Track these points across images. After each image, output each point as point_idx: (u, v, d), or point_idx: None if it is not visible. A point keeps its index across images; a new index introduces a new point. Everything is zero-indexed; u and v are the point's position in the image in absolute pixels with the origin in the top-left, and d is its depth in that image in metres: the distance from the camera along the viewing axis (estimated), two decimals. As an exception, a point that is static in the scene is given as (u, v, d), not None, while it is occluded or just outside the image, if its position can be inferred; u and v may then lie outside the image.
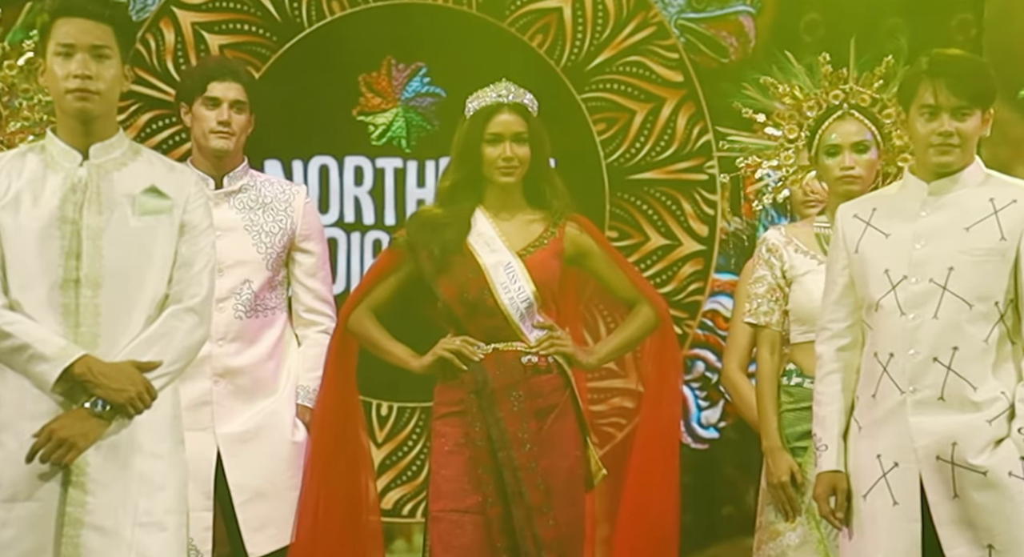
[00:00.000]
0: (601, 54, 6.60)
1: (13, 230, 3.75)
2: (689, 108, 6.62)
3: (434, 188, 6.55)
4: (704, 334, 6.62)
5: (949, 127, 3.96)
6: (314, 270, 4.84)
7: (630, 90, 6.62)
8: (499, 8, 6.55)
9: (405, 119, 6.54)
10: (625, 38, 6.61)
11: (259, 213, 4.74)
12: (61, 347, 3.68)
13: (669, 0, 6.64)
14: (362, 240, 6.55)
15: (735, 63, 6.42)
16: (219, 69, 4.75)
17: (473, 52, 6.53)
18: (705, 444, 6.60)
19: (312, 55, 6.50)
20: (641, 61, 6.61)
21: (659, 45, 6.61)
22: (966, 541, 3.89)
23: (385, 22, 6.54)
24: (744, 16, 6.63)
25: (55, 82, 3.79)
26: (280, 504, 4.64)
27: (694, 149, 6.62)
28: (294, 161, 6.49)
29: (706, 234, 6.64)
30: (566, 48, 6.58)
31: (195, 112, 4.73)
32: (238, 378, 4.65)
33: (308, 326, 4.82)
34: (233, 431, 4.64)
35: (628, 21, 6.61)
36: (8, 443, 3.70)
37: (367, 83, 6.52)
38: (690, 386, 6.59)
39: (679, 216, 6.63)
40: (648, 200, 6.63)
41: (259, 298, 4.69)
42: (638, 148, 6.62)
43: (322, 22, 6.49)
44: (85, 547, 3.68)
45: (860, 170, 4.56)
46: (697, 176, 6.63)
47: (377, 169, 6.55)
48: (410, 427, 6.56)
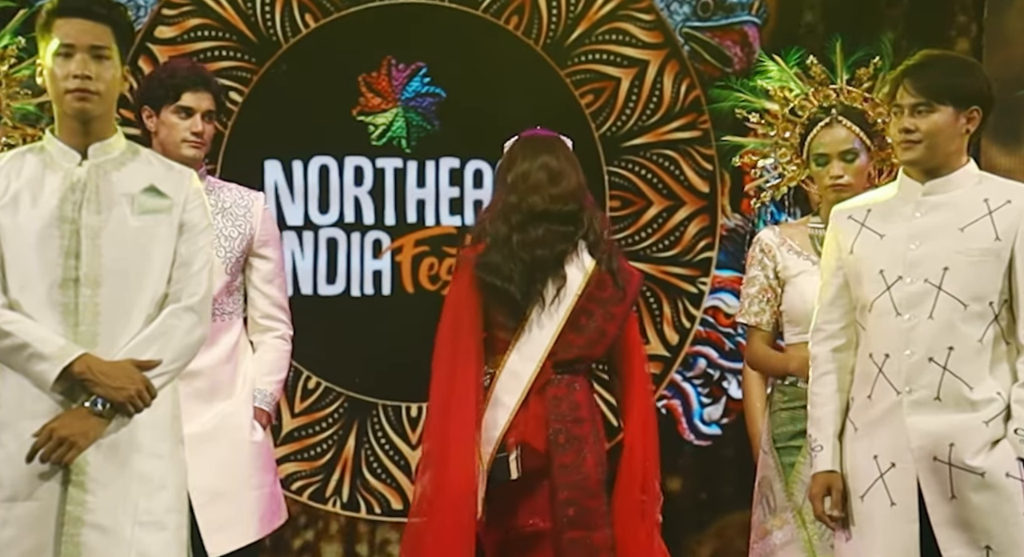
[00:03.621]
0: (578, 27, 6.60)
1: (12, 230, 3.75)
2: (674, 67, 6.61)
3: (434, 188, 6.58)
4: (705, 331, 6.63)
5: (908, 123, 3.98)
6: (271, 276, 4.84)
7: (612, 58, 6.61)
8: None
9: (405, 119, 6.54)
10: (599, 7, 6.60)
11: (218, 218, 4.73)
12: (60, 346, 3.68)
13: (675, 8, 6.65)
14: (362, 240, 6.55)
15: (739, 73, 6.42)
16: (192, 79, 4.71)
17: (473, 52, 6.54)
18: (707, 440, 6.61)
19: (312, 55, 6.51)
20: (618, 27, 6.61)
21: (634, 8, 6.61)
22: (963, 542, 3.89)
23: (385, 22, 6.55)
24: (749, 26, 6.64)
25: (54, 82, 3.79)
26: (239, 505, 4.63)
27: (684, 107, 6.62)
28: (294, 161, 6.50)
29: (707, 190, 6.63)
30: (543, 27, 6.58)
31: (164, 119, 4.71)
32: (196, 380, 4.61)
33: (264, 332, 4.83)
34: (191, 432, 4.56)
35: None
36: (8, 443, 3.70)
37: (367, 83, 6.53)
38: (692, 383, 6.61)
39: (678, 176, 6.62)
40: (645, 165, 6.63)
41: (217, 302, 4.66)
42: (628, 115, 6.62)
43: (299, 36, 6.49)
44: (85, 546, 3.68)
45: (849, 178, 4.58)
46: (691, 133, 6.63)
47: (377, 169, 6.55)
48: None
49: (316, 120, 6.48)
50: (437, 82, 6.55)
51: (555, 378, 4.51)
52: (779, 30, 6.57)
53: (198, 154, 4.73)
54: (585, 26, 6.60)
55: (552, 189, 4.54)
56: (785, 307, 4.67)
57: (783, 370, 4.65)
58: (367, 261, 6.56)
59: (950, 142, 4.00)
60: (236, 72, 6.45)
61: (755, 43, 6.59)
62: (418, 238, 6.59)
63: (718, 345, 6.62)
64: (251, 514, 4.67)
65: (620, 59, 6.60)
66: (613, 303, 4.56)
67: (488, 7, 6.56)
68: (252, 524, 4.68)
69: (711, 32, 6.64)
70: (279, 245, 4.92)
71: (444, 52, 6.54)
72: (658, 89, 6.61)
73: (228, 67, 6.44)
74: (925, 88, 3.96)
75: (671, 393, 6.58)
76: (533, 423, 4.46)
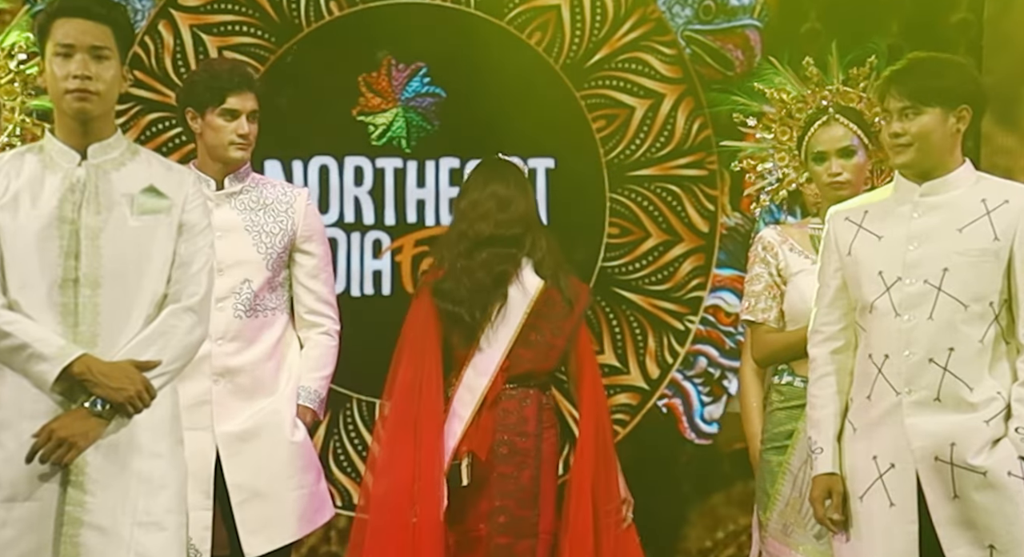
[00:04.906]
0: (599, 51, 6.61)
1: (12, 230, 3.75)
2: (688, 104, 6.62)
3: (434, 188, 6.59)
4: (706, 329, 6.63)
5: (897, 128, 3.99)
6: (316, 272, 4.83)
7: (629, 86, 6.62)
8: (497, 7, 6.56)
9: (405, 119, 6.54)
10: (623, 35, 6.61)
11: (260, 214, 4.74)
12: (60, 346, 3.68)
13: (676, 11, 6.65)
14: (362, 240, 6.55)
15: (740, 76, 6.42)
16: (236, 81, 4.71)
17: (473, 52, 6.54)
18: (708, 439, 6.61)
19: (312, 55, 6.50)
20: (640, 57, 6.62)
21: (657, 41, 6.62)
22: (967, 541, 3.89)
23: (385, 22, 6.54)
24: (751, 30, 6.64)
25: (54, 82, 3.78)
26: (278, 505, 4.62)
27: (694, 144, 6.63)
28: (294, 161, 6.50)
29: (707, 230, 6.64)
30: (564, 46, 6.59)
31: (209, 122, 4.70)
32: (237, 377, 4.64)
33: (310, 328, 4.81)
34: (232, 430, 4.63)
35: (626, 18, 6.62)
36: (8, 443, 3.70)
37: (367, 83, 6.52)
38: (692, 382, 6.61)
39: (680, 212, 6.63)
40: (648, 197, 6.64)
41: (259, 298, 4.69)
42: (638, 145, 6.63)
43: (321, 22, 6.49)
44: (84, 546, 3.67)
45: (848, 175, 4.57)
46: (697, 172, 6.64)
47: (377, 169, 6.55)
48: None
49: (316, 120, 6.48)
50: (437, 82, 6.55)
51: (507, 391, 4.79)
52: (781, 33, 6.57)
53: (245, 155, 4.74)
54: (607, 51, 6.61)
55: (499, 215, 4.84)
56: (785, 306, 4.67)
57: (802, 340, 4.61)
58: (367, 261, 6.56)
59: (942, 143, 4.00)
60: (253, 49, 6.45)
61: (756, 46, 6.59)
62: (418, 238, 6.59)
63: (719, 344, 6.62)
64: (290, 515, 4.65)
65: (637, 89, 6.62)
66: (561, 318, 4.83)
67: (513, 20, 6.57)
68: (291, 525, 4.66)
69: (712, 35, 6.64)
70: (324, 240, 4.90)
71: (444, 52, 6.54)
72: (670, 124, 6.63)
73: (246, 43, 6.43)
74: (911, 92, 3.97)
75: (672, 392, 6.58)
76: (481, 434, 4.72)
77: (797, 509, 4.52)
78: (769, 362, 4.71)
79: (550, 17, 6.59)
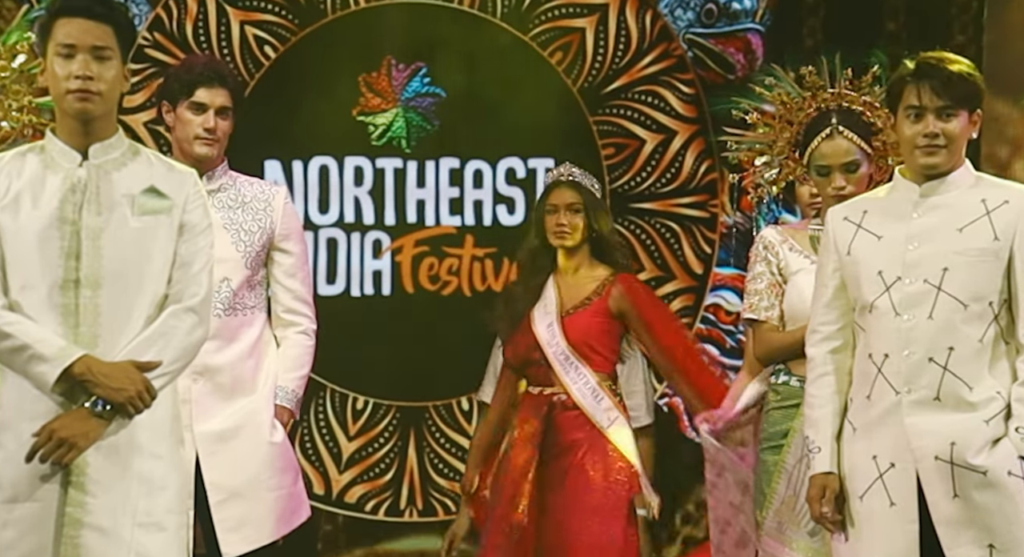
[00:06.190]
0: (618, 79, 6.62)
1: (13, 231, 3.74)
2: (699, 145, 6.63)
3: (434, 188, 6.59)
4: (706, 328, 6.64)
5: (934, 128, 3.96)
6: (293, 270, 4.80)
7: (643, 119, 6.64)
8: (523, 22, 6.56)
9: (405, 119, 6.55)
10: (644, 67, 6.62)
11: (238, 212, 4.72)
12: (61, 347, 3.68)
13: (679, 15, 6.65)
14: (362, 240, 6.56)
15: (741, 80, 6.42)
16: (207, 75, 4.69)
17: (473, 52, 6.54)
18: (709, 438, 6.61)
19: (313, 55, 6.51)
20: (657, 91, 6.64)
21: (677, 78, 6.63)
22: (967, 541, 3.89)
23: (385, 22, 6.55)
24: (752, 34, 6.64)
25: (55, 82, 3.78)
26: (256, 505, 4.61)
27: (699, 185, 6.64)
28: (294, 161, 6.50)
29: (700, 272, 6.66)
30: (584, 69, 6.60)
31: (179, 115, 4.69)
32: (217, 376, 4.61)
33: (287, 327, 4.79)
34: (211, 430, 4.60)
35: (649, 51, 6.62)
36: (8, 444, 3.70)
37: (367, 83, 6.53)
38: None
39: (676, 250, 6.65)
40: (647, 230, 6.65)
41: (238, 296, 4.66)
42: (643, 177, 6.64)
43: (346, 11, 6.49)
44: (85, 547, 3.67)
45: (852, 188, 4.55)
46: (699, 212, 6.66)
47: (377, 169, 6.56)
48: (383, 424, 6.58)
49: (316, 120, 6.49)
50: (437, 82, 6.56)
51: None
52: (782, 37, 6.57)
53: (210, 151, 4.69)
54: (625, 80, 6.62)
55: None
56: (785, 306, 4.67)
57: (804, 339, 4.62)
58: (367, 261, 6.57)
59: (964, 145, 4.00)
60: (276, 28, 6.45)
61: (758, 50, 6.60)
62: (418, 238, 6.60)
63: (719, 342, 6.63)
64: (267, 516, 4.64)
65: (650, 122, 6.63)
66: None
67: (536, 37, 6.57)
68: (268, 526, 4.64)
69: (714, 39, 6.65)
70: (301, 239, 4.87)
71: (444, 52, 6.54)
72: (679, 161, 6.65)
73: (269, 21, 6.43)
74: (951, 92, 3.94)
75: (672, 390, 6.58)
76: None
77: (792, 507, 4.53)
78: (770, 360, 4.71)
79: (573, 39, 6.60)
